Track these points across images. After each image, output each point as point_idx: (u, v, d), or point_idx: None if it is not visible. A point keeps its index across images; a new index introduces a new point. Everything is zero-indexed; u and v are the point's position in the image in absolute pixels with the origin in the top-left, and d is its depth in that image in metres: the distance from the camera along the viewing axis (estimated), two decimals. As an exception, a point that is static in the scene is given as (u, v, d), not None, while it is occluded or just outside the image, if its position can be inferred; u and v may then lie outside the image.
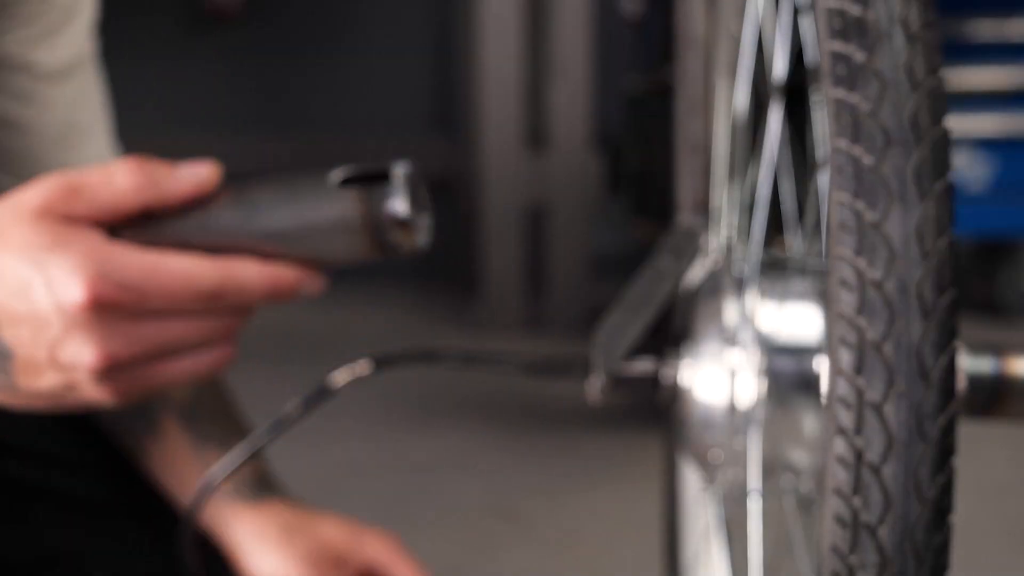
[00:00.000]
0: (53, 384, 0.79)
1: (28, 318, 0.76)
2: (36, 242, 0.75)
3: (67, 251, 0.75)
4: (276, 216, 0.78)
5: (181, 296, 0.76)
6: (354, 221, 0.77)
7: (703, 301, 0.95)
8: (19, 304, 0.76)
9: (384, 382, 1.05)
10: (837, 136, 0.68)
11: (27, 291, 0.76)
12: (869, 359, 0.66)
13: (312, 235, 0.78)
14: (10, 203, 0.77)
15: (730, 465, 0.93)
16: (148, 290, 0.75)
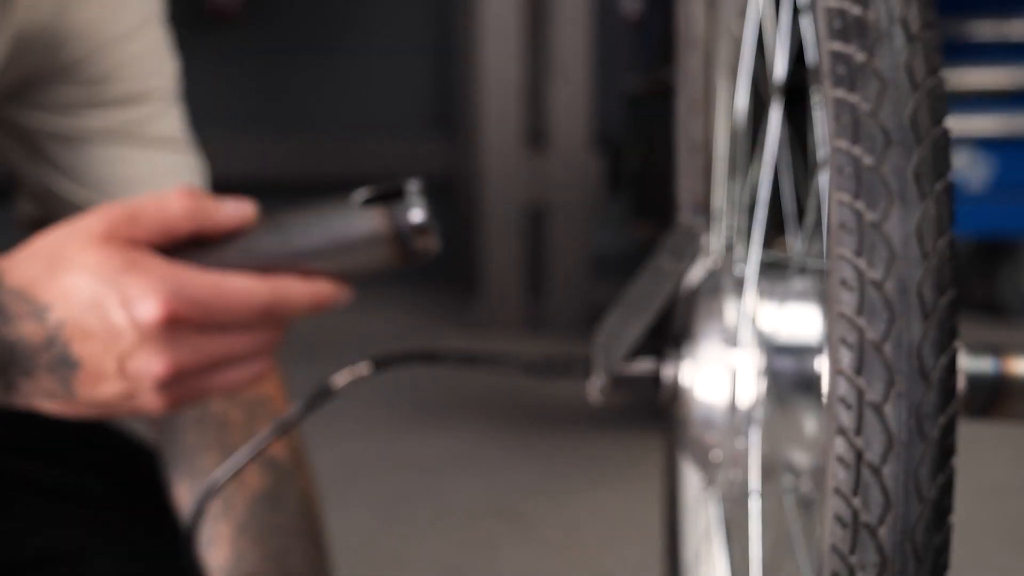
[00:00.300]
0: (114, 393, 0.85)
1: (101, 333, 0.83)
2: (108, 264, 0.82)
3: (140, 272, 0.82)
4: (311, 238, 0.88)
5: (240, 311, 0.84)
6: (382, 235, 0.87)
7: (703, 301, 0.95)
8: (92, 320, 0.83)
9: (384, 382, 1.06)
10: (837, 136, 0.68)
11: (102, 308, 0.82)
12: (869, 359, 0.66)
13: (345, 252, 0.88)
14: (76, 229, 0.84)
15: (730, 465, 0.93)
16: (213, 306, 0.83)
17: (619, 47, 4.12)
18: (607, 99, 3.82)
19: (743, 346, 0.91)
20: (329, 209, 0.89)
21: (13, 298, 0.84)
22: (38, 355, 0.85)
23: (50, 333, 0.84)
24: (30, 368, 0.85)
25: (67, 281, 0.83)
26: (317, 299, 0.87)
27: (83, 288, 0.83)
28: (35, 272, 0.84)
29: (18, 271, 0.85)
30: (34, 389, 0.87)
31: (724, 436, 0.92)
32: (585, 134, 3.52)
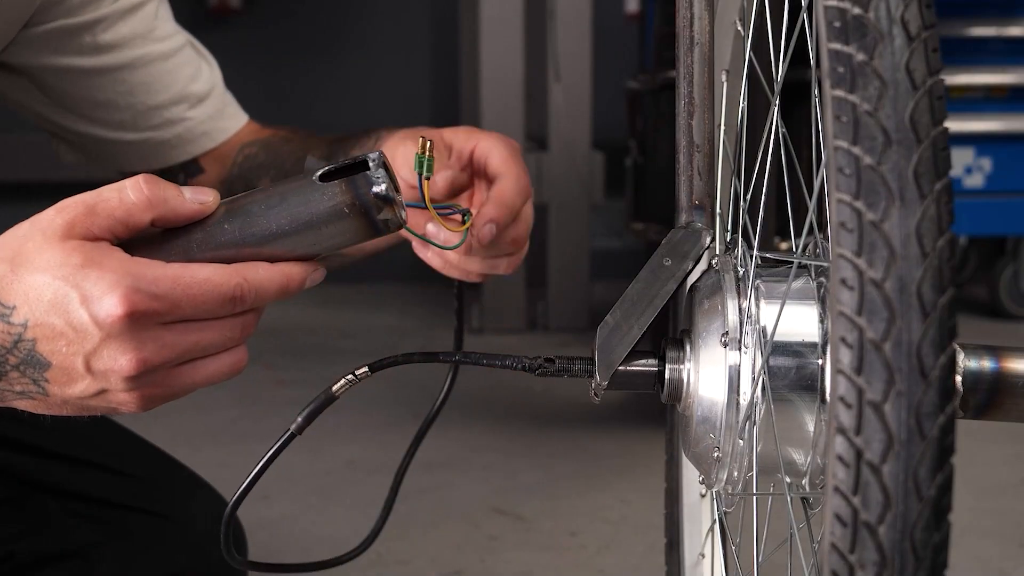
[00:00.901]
0: (85, 391, 0.85)
1: (66, 332, 0.83)
2: (68, 262, 0.82)
3: (100, 268, 0.82)
4: (273, 220, 0.85)
5: (205, 301, 0.83)
6: (346, 208, 0.84)
7: (703, 301, 0.95)
8: (57, 319, 0.82)
9: (384, 382, 1.06)
10: (837, 136, 0.68)
11: (65, 307, 0.82)
12: (869, 358, 0.66)
13: (310, 230, 0.85)
14: (35, 227, 0.84)
15: (730, 465, 0.93)
16: (177, 298, 0.83)
17: (619, 47, 4.12)
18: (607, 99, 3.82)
19: (743, 346, 0.91)
20: (290, 188, 0.86)
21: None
22: (7, 355, 0.85)
23: (16, 333, 0.84)
24: (2, 370, 0.85)
25: (29, 281, 0.83)
26: (286, 281, 0.86)
27: (45, 288, 0.82)
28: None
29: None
30: (7, 389, 0.87)
31: (724, 436, 0.92)
32: (585, 134, 3.52)
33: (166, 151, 1.30)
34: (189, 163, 1.31)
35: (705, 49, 1.00)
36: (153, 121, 1.28)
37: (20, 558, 1.29)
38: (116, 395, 0.85)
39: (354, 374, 0.95)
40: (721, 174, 1.03)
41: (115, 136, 1.27)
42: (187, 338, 0.84)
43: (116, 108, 1.26)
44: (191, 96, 1.29)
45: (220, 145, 1.32)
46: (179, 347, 0.84)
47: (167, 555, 1.35)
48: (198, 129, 1.30)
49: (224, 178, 1.30)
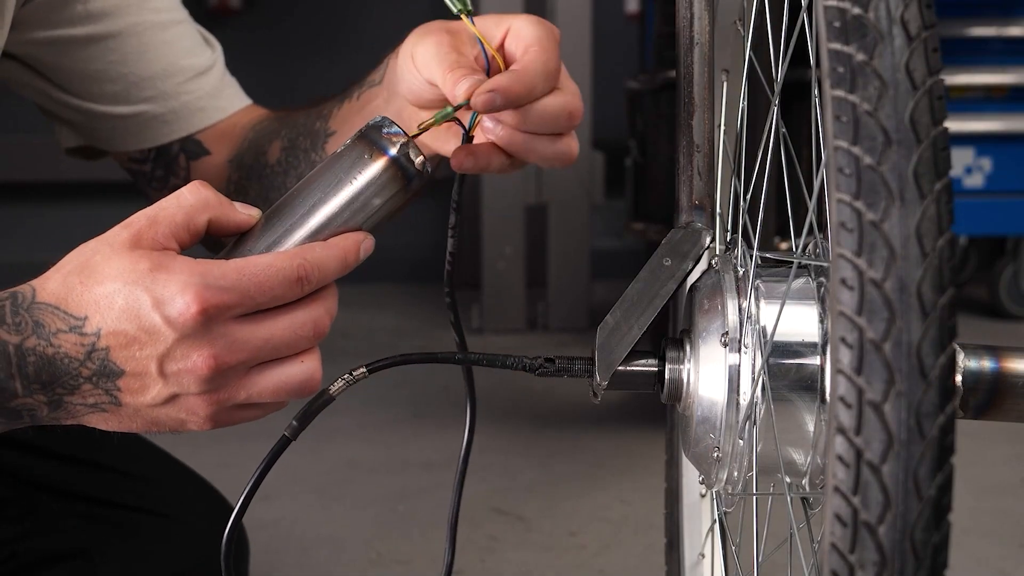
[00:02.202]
0: (158, 397, 0.85)
1: (139, 336, 0.84)
2: (136, 268, 0.84)
3: (168, 271, 0.83)
4: (312, 202, 0.89)
5: (272, 286, 0.85)
6: (377, 168, 0.88)
7: (703, 301, 0.95)
8: (129, 325, 0.84)
9: (384, 382, 1.06)
10: (837, 136, 0.68)
11: (136, 312, 0.83)
12: (869, 358, 0.66)
13: (348, 198, 0.89)
14: (102, 242, 0.86)
15: (730, 465, 0.93)
16: (245, 287, 0.84)
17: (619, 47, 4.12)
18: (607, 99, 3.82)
19: (743, 346, 0.91)
20: (315, 171, 0.90)
21: (48, 313, 0.85)
22: (80, 368, 0.85)
23: (89, 344, 0.84)
24: (74, 384, 0.86)
25: (99, 291, 0.84)
26: (343, 254, 0.87)
27: (115, 295, 0.84)
28: (67, 286, 0.85)
29: (50, 287, 0.86)
30: (80, 403, 0.87)
31: (724, 436, 0.92)
32: (585, 134, 3.52)
33: (160, 126, 1.28)
34: (190, 143, 1.29)
35: (705, 49, 1.00)
36: (146, 93, 1.26)
37: (23, 558, 1.29)
38: (188, 400, 0.86)
39: (351, 374, 0.95)
40: (721, 174, 1.03)
41: (109, 110, 1.26)
42: (258, 333, 0.85)
43: (108, 79, 1.25)
44: (186, 69, 1.28)
45: (223, 124, 1.30)
46: (251, 344, 0.85)
47: (170, 555, 1.35)
48: (194, 104, 1.29)
49: (230, 157, 1.29)
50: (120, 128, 1.28)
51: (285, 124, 1.26)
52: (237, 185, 1.27)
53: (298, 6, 4.84)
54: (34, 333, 0.85)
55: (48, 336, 0.85)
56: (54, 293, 0.85)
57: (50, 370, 0.85)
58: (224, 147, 1.29)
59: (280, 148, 1.24)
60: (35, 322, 0.85)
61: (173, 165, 1.29)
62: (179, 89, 1.27)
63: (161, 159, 1.29)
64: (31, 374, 0.86)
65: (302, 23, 4.84)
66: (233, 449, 2.55)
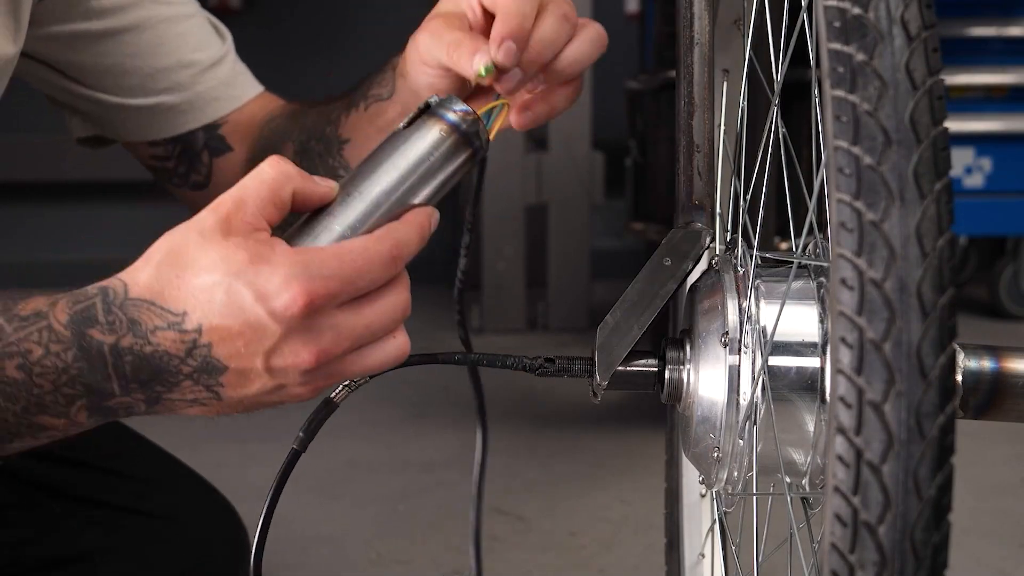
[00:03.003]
0: (262, 389, 0.84)
1: (244, 331, 0.81)
2: (235, 259, 0.81)
3: (269, 264, 0.81)
4: (388, 180, 0.88)
5: (371, 268, 0.83)
6: (443, 137, 0.89)
7: (703, 301, 0.95)
8: (232, 320, 0.81)
9: (384, 382, 1.06)
10: (837, 136, 0.68)
11: (240, 305, 0.80)
12: (869, 358, 0.66)
13: (425, 175, 0.89)
14: (190, 229, 0.82)
15: (730, 465, 0.93)
16: (347, 274, 0.82)
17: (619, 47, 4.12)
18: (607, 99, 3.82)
19: (743, 346, 0.91)
20: (386, 146, 0.90)
21: (144, 309, 0.82)
22: (181, 365, 0.82)
23: (190, 340, 0.82)
24: (173, 381, 0.83)
25: (197, 283, 0.81)
26: (420, 230, 0.87)
27: (216, 288, 0.81)
28: (162, 279, 0.82)
29: (142, 280, 0.82)
30: (179, 399, 0.85)
31: (724, 436, 0.92)
32: (585, 134, 3.52)
33: (176, 117, 1.29)
34: (214, 139, 1.30)
35: (705, 49, 1.00)
36: (161, 84, 1.27)
37: (25, 562, 1.29)
38: (291, 389, 0.84)
39: (354, 380, 0.95)
40: (721, 174, 1.03)
41: (125, 102, 1.27)
42: (359, 320, 0.84)
43: (123, 73, 1.26)
44: (200, 61, 1.29)
45: (241, 117, 1.30)
46: (354, 332, 0.84)
47: (171, 557, 1.35)
48: (209, 94, 1.29)
49: (248, 156, 1.29)
50: (137, 119, 1.28)
51: (296, 125, 1.26)
52: None
53: (298, 6, 4.83)
54: (130, 331, 0.82)
55: (145, 334, 0.82)
56: (148, 287, 0.82)
57: (149, 368, 0.83)
58: (244, 144, 1.30)
59: (293, 151, 1.24)
60: (130, 320, 0.82)
61: (196, 162, 1.30)
62: (194, 80, 1.28)
63: (185, 155, 1.30)
64: (128, 374, 0.83)
65: (302, 23, 4.84)
66: (233, 449, 2.55)
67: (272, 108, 1.32)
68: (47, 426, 0.86)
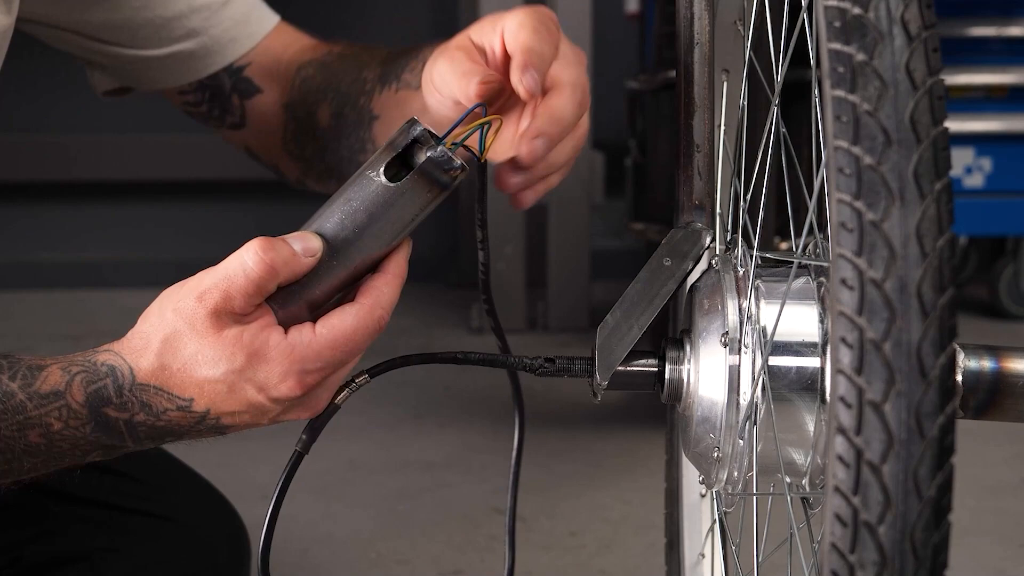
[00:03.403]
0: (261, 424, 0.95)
1: (248, 410, 0.92)
2: (234, 360, 0.90)
3: (266, 361, 0.91)
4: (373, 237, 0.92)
5: (360, 345, 0.92)
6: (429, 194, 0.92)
7: (703, 301, 0.95)
8: (237, 406, 0.91)
9: (384, 382, 1.06)
10: (837, 136, 0.68)
11: (243, 396, 0.91)
12: (869, 358, 0.66)
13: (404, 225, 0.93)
14: (179, 318, 0.91)
15: (730, 465, 0.93)
16: (339, 358, 0.92)
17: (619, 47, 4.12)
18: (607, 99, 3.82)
19: (743, 346, 0.91)
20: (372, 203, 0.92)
21: (153, 394, 0.92)
22: (191, 430, 0.94)
23: (198, 416, 0.92)
24: (184, 435, 0.94)
25: (200, 376, 0.90)
26: (399, 281, 0.94)
27: (219, 384, 0.90)
28: (165, 370, 0.91)
29: (144, 366, 0.91)
30: (188, 439, 0.96)
31: (724, 435, 0.92)
32: (585, 134, 3.52)
33: (196, 62, 1.29)
34: (241, 81, 1.31)
35: (705, 49, 1.00)
36: (176, 33, 1.27)
37: (27, 562, 1.29)
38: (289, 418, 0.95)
39: (354, 382, 0.96)
40: (721, 174, 1.03)
41: (142, 54, 1.27)
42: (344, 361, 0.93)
43: (137, 26, 1.26)
44: (210, 4, 1.28)
45: (266, 60, 1.31)
46: (340, 371, 0.94)
47: (173, 558, 1.35)
48: (224, 36, 1.29)
49: (285, 101, 1.30)
50: (158, 68, 1.28)
51: (330, 82, 1.27)
52: (294, 135, 1.30)
53: (298, 6, 4.83)
54: (142, 411, 0.92)
55: (157, 413, 0.92)
56: (153, 374, 0.91)
57: (161, 433, 0.93)
58: (275, 86, 1.30)
59: (330, 114, 1.26)
60: (142, 402, 0.92)
61: (228, 104, 1.31)
62: (207, 23, 1.28)
63: (216, 99, 1.31)
64: (142, 437, 0.94)
65: (302, 23, 4.84)
66: (233, 449, 2.55)
67: (299, 48, 1.32)
68: (62, 467, 0.96)
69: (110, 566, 1.32)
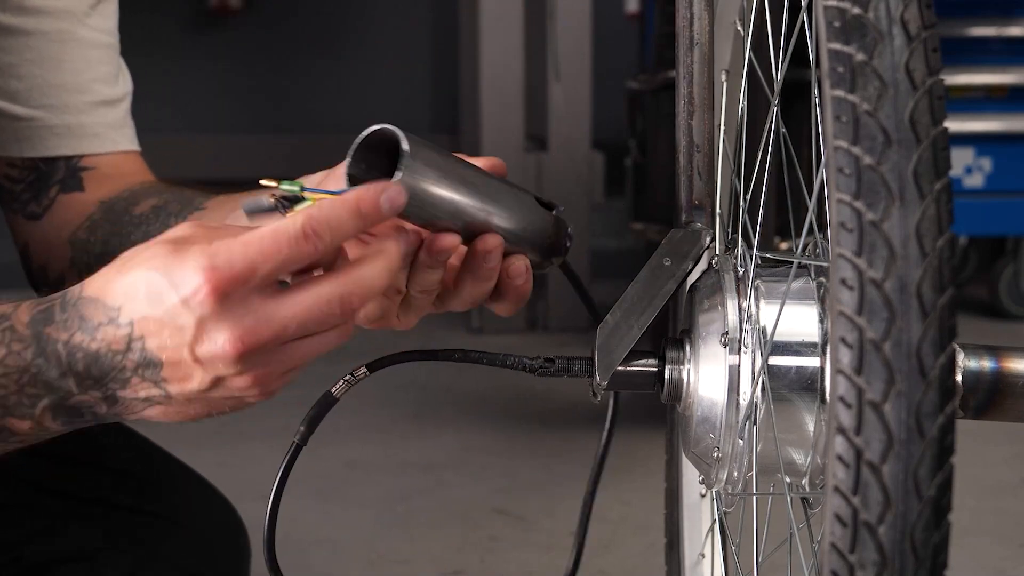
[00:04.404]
0: (202, 383, 0.85)
1: (166, 321, 0.83)
2: (158, 253, 0.83)
3: (183, 255, 0.83)
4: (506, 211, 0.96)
5: (279, 248, 0.82)
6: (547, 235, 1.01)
7: (703, 301, 0.95)
8: (155, 311, 0.83)
9: (384, 382, 1.06)
10: (837, 136, 0.68)
11: (159, 296, 0.83)
12: (869, 358, 0.66)
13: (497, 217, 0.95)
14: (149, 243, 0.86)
15: (730, 465, 0.93)
16: (252, 257, 0.82)
17: (619, 47, 4.12)
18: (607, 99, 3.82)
19: (743, 346, 0.91)
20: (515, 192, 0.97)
21: (91, 306, 0.85)
22: (124, 361, 0.85)
23: (125, 334, 0.85)
24: (122, 377, 0.86)
25: (129, 279, 0.84)
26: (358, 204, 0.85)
27: (139, 281, 0.83)
28: (106, 278, 0.85)
29: (96, 281, 0.86)
30: (133, 398, 0.87)
31: (724, 436, 0.92)
32: (585, 134, 3.52)
33: (48, 137, 1.25)
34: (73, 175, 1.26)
35: (705, 49, 1.00)
36: (48, 100, 1.24)
37: (25, 562, 1.29)
38: (231, 381, 0.85)
39: (352, 374, 0.95)
40: (721, 174, 1.03)
41: (2, 106, 1.23)
42: (281, 311, 0.83)
43: (16, 75, 1.23)
44: (98, 92, 1.25)
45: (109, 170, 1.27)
46: (276, 321, 0.83)
47: (174, 558, 1.35)
48: (91, 129, 1.26)
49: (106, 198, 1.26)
50: (9, 128, 1.25)
51: (171, 190, 1.24)
52: (94, 223, 1.25)
53: (298, 6, 4.84)
54: (80, 328, 0.85)
55: (91, 331, 0.85)
56: (98, 287, 0.85)
57: (98, 366, 0.85)
58: (99, 190, 1.26)
59: (151, 206, 1.22)
60: (80, 317, 0.85)
61: (43, 193, 1.26)
62: (82, 108, 1.24)
63: (37, 184, 1.26)
64: (81, 371, 0.86)
65: (302, 23, 4.84)
66: (233, 450, 2.55)
67: (144, 176, 1.28)
68: (15, 430, 0.89)
69: (110, 566, 1.32)
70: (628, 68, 3.55)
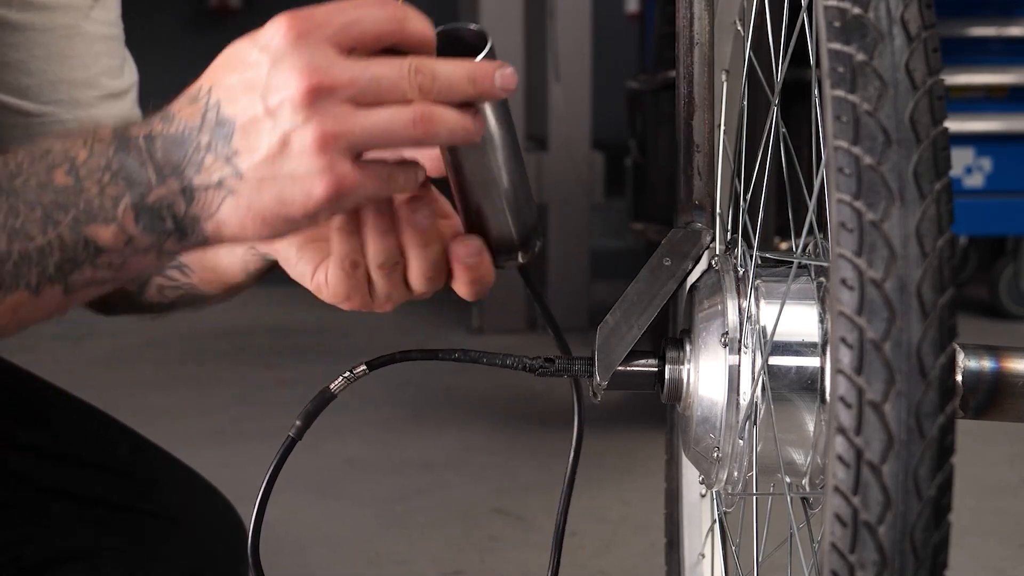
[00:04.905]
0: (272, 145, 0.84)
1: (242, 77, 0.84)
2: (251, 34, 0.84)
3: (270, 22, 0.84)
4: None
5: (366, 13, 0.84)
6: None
7: (703, 301, 0.95)
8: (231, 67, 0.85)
9: (384, 382, 1.06)
10: (837, 136, 0.68)
11: (238, 56, 0.85)
12: (869, 358, 0.66)
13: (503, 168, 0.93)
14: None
15: (730, 465, 0.93)
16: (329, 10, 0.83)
17: (619, 47, 4.12)
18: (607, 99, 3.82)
19: (743, 346, 0.91)
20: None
21: (177, 100, 0.87)
22: (199, 135, 0.85)
23: (203, 104, 0.85)
24: (196, 159, 0.86)
25: (219, 59, 0.86)
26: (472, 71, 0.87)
27: (223, 56, 0.86)
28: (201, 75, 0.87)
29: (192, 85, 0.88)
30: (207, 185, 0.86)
31: (724, 436, 0.92)
32: (585, 134, 3.52)
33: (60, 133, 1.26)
34: None
35: (705, 49, 1.00)
36: (58, 95, 1.24)
37: (25, 562, 1.29)
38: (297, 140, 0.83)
39: (352, 372, 0.95)
40: (721, 174, 1.03)
41: (14, 102, 1.24)
42: (354, 63, 0.84)
43: (26, 72, 1.23)
44: (106, 86, 1.25)
45: None
46: (347, 68, 0.83)
47: (174, 558, 1.35)
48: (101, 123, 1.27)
49: None
50: (20, 124, 1.25)
51: None
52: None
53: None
54: (161, 120, 0.87)
55: (172, 116, 0.86)
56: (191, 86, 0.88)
57: (176, 149, 0.86)
58: None
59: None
60: (163, 113, 0.87)
61: None
62: (92, 103, 1.25)
63: None
64: (160, 159, 0.86)
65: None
66: (233, 450, 2.55)
67: None
68: (100, 242, 0.88)
69: (110, 566, 1.32)
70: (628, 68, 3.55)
